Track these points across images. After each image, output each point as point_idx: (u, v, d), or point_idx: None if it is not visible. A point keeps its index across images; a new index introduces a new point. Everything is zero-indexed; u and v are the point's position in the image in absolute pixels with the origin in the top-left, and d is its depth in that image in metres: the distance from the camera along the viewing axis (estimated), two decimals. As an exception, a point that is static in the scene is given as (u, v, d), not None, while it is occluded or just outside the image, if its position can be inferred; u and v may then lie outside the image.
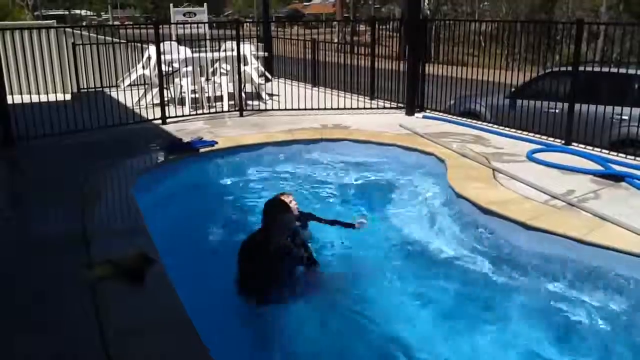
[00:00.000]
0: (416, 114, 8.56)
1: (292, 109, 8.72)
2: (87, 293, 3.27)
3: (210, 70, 9.74)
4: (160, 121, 7.97)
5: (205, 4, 10.95)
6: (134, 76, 9.42)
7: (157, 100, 8.33)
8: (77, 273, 3.52)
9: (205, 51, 9.49)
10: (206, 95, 9.10)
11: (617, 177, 5.47)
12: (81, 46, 8.96)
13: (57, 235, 4.36)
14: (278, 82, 10.26)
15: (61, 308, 3.21)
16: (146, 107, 8.65)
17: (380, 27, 10.60)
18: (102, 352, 2.72)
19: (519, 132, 7.25)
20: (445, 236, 5.09)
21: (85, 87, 8.76)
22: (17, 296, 3.37)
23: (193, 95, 9.06)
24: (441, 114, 8.52)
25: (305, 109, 8.67)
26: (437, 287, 4.40)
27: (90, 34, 10.21)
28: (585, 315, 3.89)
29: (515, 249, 4.52)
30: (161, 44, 8.00)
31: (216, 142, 6.77)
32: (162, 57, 8.05)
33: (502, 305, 4.12)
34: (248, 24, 18.03)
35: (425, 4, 29.23)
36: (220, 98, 9.12)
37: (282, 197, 4.92)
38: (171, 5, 11.10)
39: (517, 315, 3.98)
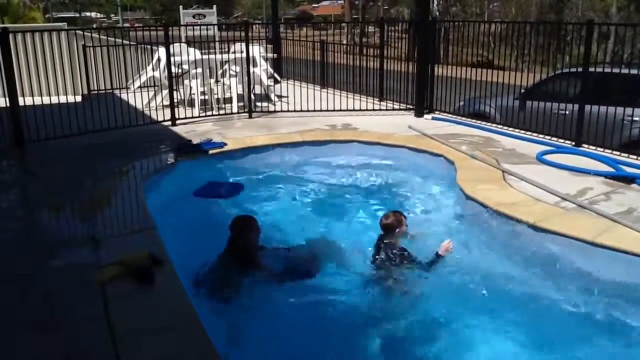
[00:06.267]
0: (425, 116, 8.55)
1: (301, 111, 8.73)
2: (97, 293, 3.28)
3: (220, 72, 9.77)
4: (169, 122, 8.00)
5: (214, 5, 11.00)
6: (143, 78, 9.47)
7: (166, 102, 8.38)
8: (86, 273, 3.54)
9: (215, 53, 9.52)
10: (215, 96, 9.13)
11: (628, 179, 5.43)
12: (91, 48, 9.03)
13: (67, 236, 4.39)
14: (287, 83, 10.26)
15: (70, 308, 3.23)
16: (156, 108, 8.69)
17: (389, 28, 10.59)
18: (111, 353, 2.73)
19: (529, 133, 7.21)
20: (454, 238, 5.03)
21: (96, 88, 8.82)
22: (26, 296, 3.39)
23: (202, 97, 9.09)
24: (450, 115, 8.49)
25: (314, 111, 8.67)
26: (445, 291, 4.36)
27: (101, 36, 10.27)
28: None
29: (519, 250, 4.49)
30: (171, 46, 8.04)
31: (225, 144, 6.79)
32: (172, 58, 8.09)
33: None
34: (257, 25, 18.05)
35: (435, 5, 29.15)
36: (230, 100, 9.14)
37: (395, 215, 4.69)
38: (180, 7, 11.16)
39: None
